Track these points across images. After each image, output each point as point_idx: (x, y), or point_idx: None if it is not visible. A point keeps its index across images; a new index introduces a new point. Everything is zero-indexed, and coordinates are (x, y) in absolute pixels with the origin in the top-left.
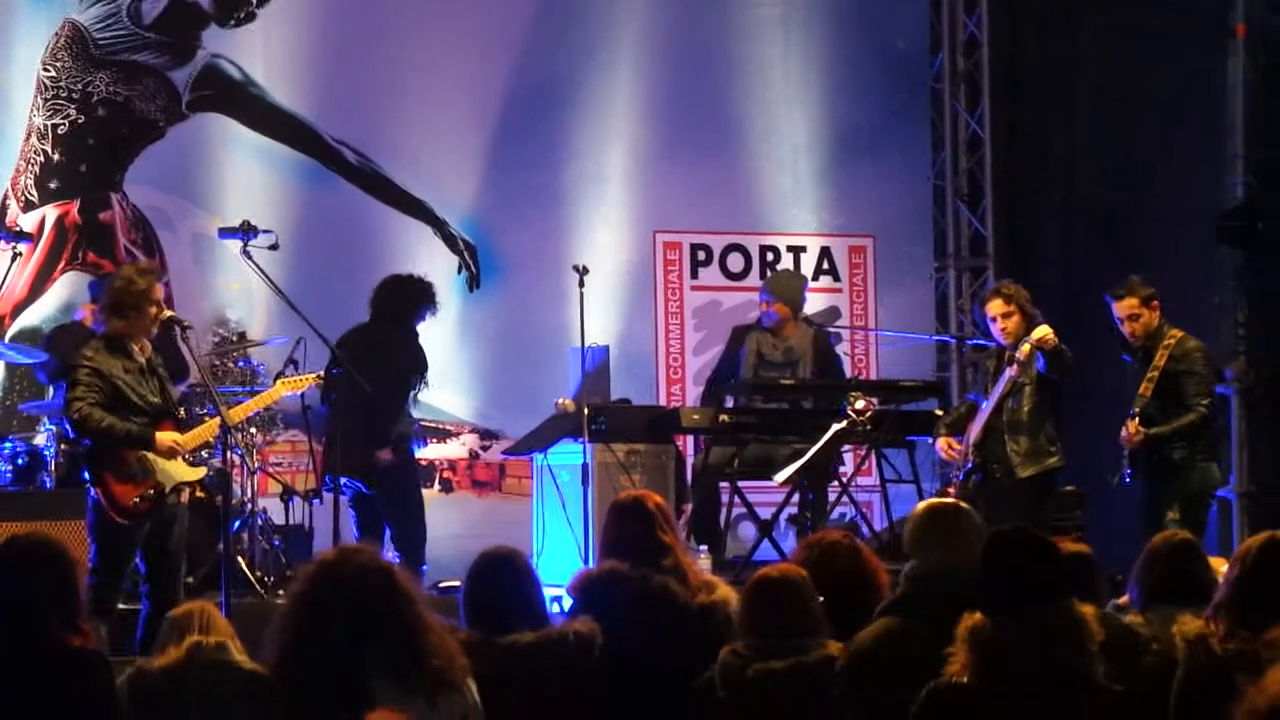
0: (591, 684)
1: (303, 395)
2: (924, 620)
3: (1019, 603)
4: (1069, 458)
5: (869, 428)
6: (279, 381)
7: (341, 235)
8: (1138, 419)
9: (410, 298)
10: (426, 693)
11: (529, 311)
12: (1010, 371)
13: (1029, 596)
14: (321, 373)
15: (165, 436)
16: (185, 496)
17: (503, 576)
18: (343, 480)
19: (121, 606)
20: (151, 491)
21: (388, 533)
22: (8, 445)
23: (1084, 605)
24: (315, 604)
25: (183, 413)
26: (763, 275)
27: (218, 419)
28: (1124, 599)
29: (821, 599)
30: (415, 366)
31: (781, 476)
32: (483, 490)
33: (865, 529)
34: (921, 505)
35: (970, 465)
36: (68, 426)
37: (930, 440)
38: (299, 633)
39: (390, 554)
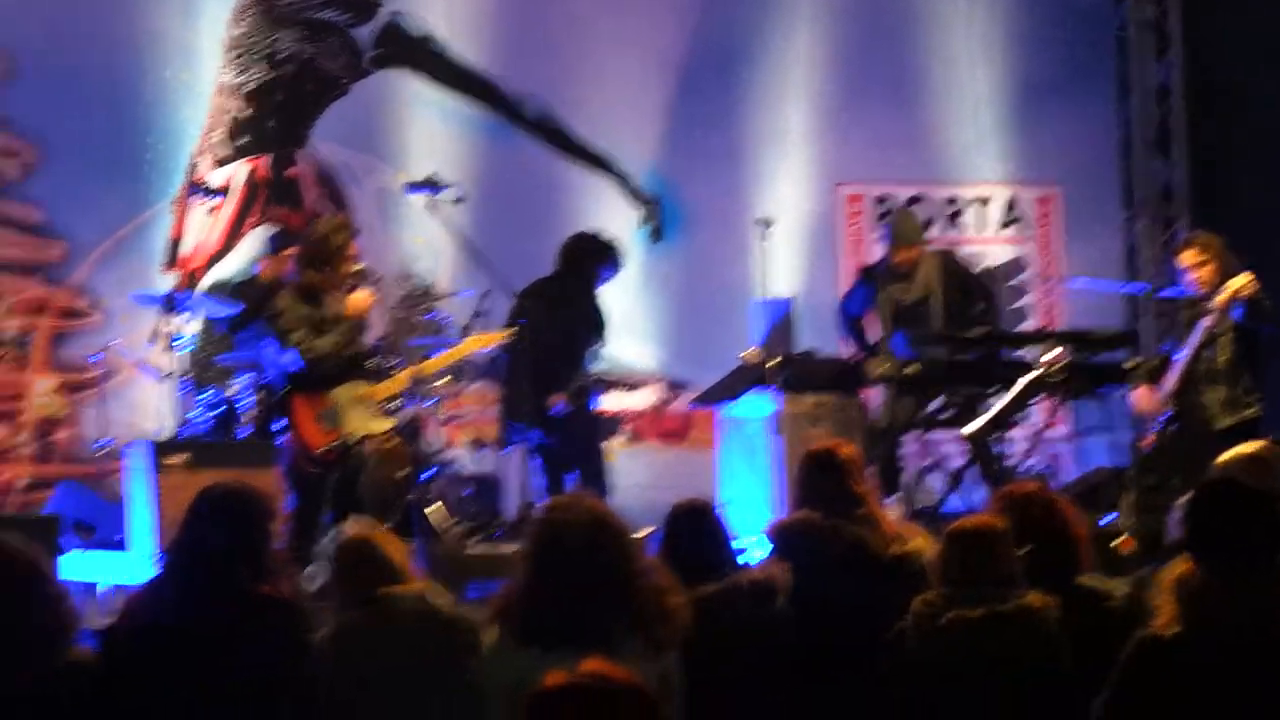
0: (776, 632)
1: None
2: None
3: (1230, 555)
4: (1271, 408)
5: (1060, 379)
6: (469, 337)
7: (524, 189)
8: None
9: (594, 258)
10: (648, 645)
11: (712, 264)
12: (1206, 321)
13: (1240, 549)
14: (510, 330)
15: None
16: (374, 446)
17: (696, 528)
18: (522, 429)
19: None
20: (340, 441)
21: (570, 482)
22: (206, 395)
23: None
24: (555, 543)
25: (373, 365)
26: (947, 227)
27: (407, 372)
28: None
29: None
30: (592, 325)
31: (971, 429)
32: (668, 441)
33: (1056, 481)
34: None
35: (1167, 415)
36: (293, 363)
37: (1122, 391)
38: (537, 570)
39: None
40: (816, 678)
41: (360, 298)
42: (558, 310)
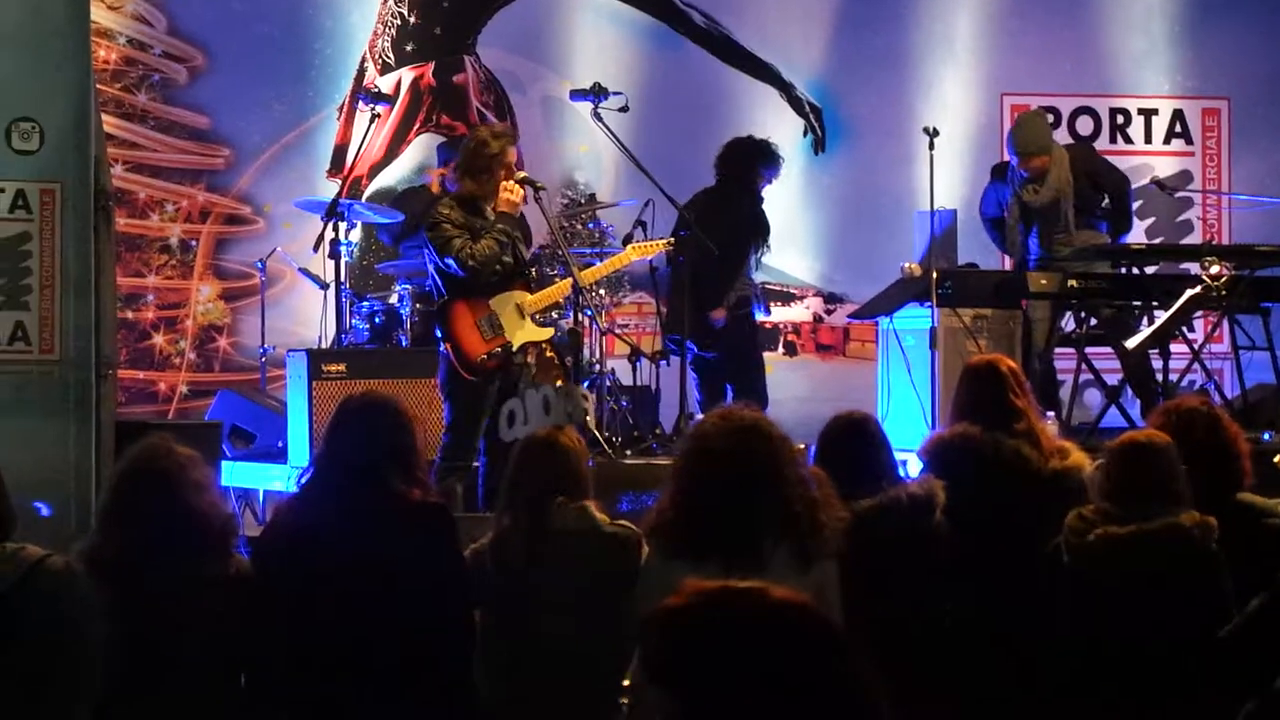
0: (932, 546)
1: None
2: None
3: None
4: None
5: (1223, 293)
6: (630, 246)
7: (688, 98)
8: None
9: (754, 159)
10: (802, 557)
11: (874, 175)
12: None
13: None
14: (671, 238)
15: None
16: (532, 356)
17: (856, 441)
18: (681, 341)
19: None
20: (500, 349)
21: (729, 394)
22: (365, 304)
23: None
24: (710, 455)
25: (533, 273)
26: (1113, 139)
27: (568, 280)
28: None
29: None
30: (757, 230)
31: (1133, 343)
32: (827, 354)
33: (1217, 397)
34: None
35: None
36: (456, 270)
37: None
38: (691, 481)
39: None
40: (973, 592)
41: (508, 192)
42: (720, 218)
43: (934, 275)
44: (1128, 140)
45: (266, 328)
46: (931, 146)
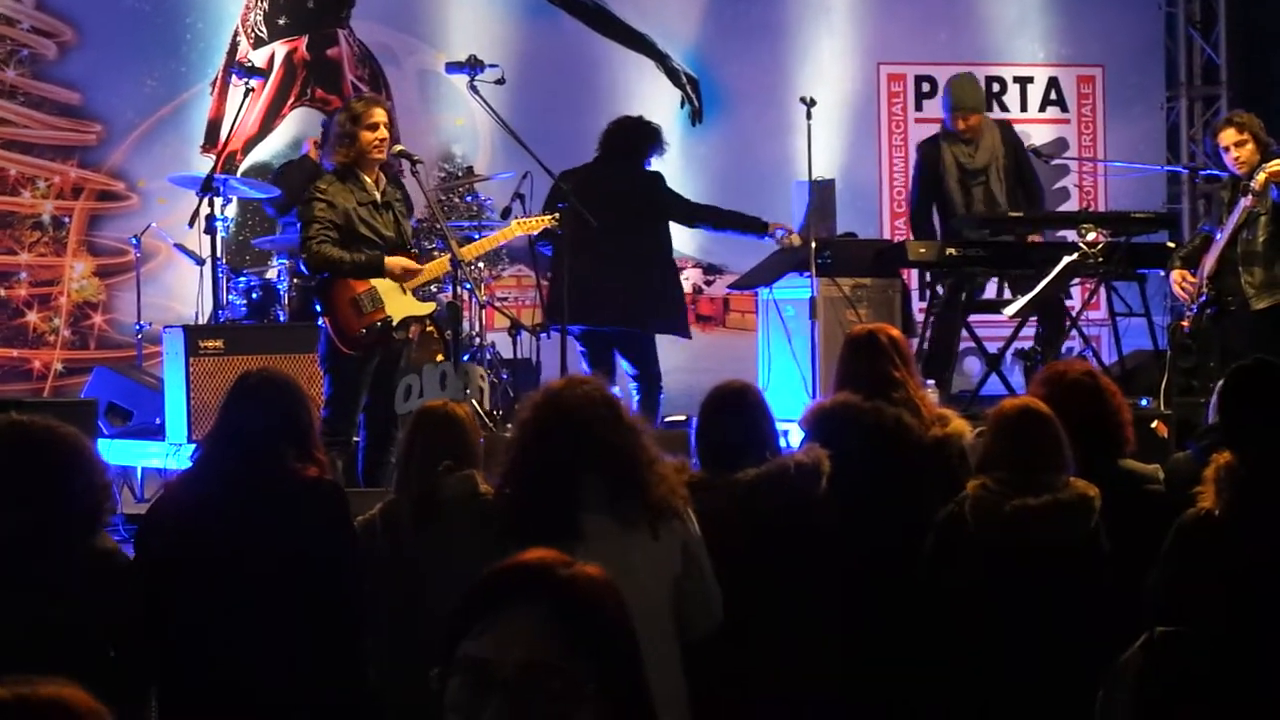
0: (818, 514)
1: None
2: None
3: (1267, 437)
4: None
5: (1100, 260)
6: (514, 221)
7: (565, 70)
8: None
9: (643, 139)
10: (649, 522)
11: (752, 145)
12: (1245, 202)
13: (1274, 429)
14: (557, 214)
15: (395, 261)
16: (414, 332)
17: (737, 411)
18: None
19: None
20: (379, 324)
21: (624, 365)
22: (242, 279)
23: None
24: (538, 431)
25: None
26: (989, 107)
27: (447, 255)
28: None
29: None
30: (669, 210)
31: (1011, 310)
32: (707, 325)
33: (1095, 363)
34: None
35: (1205, 298)
36: (300, 262)
37: (1162, 273)
38: (521, 459)
39: (629, 384)
40: (858, 560)
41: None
42: (598, 191)
43: (813, 245)
44: (1004, 108)
45: (143, 304)
46: (809, 116)
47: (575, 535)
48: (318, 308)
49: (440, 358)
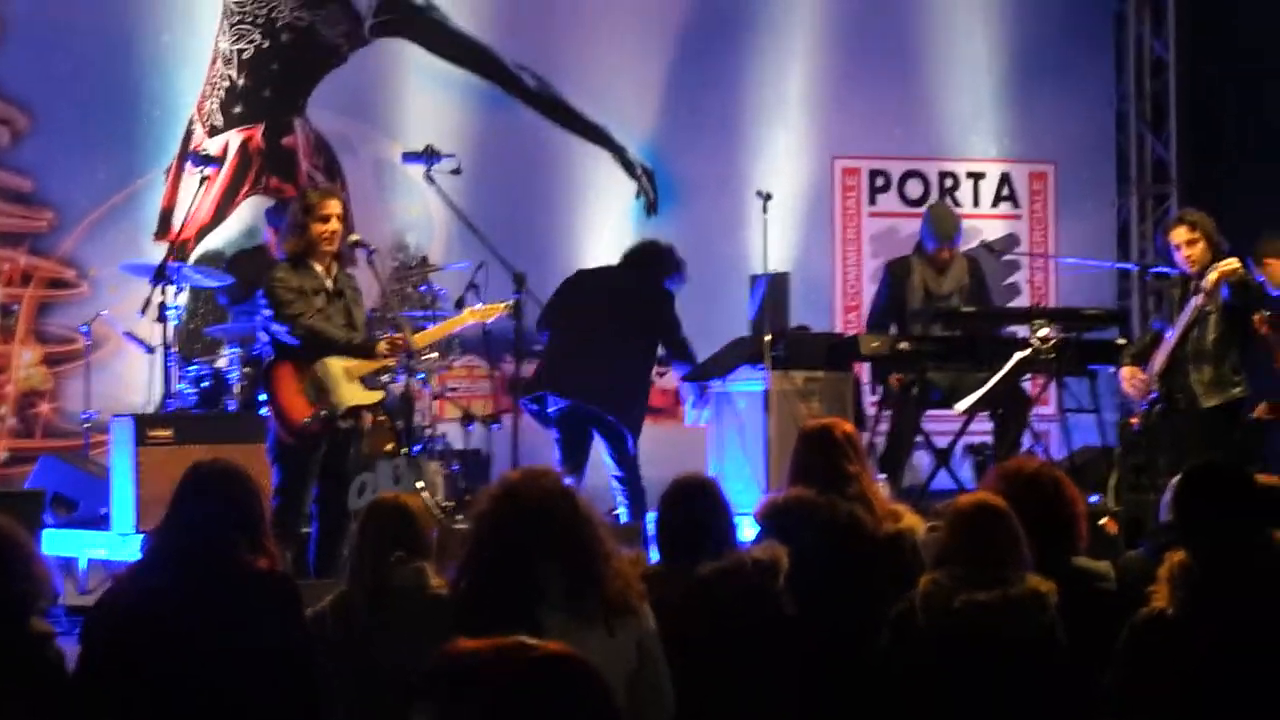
0: (775, 610)
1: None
2: None
3: (1221, 536)
4: (1257, 389)
5: (1052, 356)
6: (467, 310)
7: (521, 160)
8: None
9: (664, 257)
10: (604, 617)
11: (706, 237)
12: (1196, 300)
13: (1230, 530)
14: (511, 302)
15: (383, 345)
16: (366, 421)
17: (696, 504)
18: (551, 398)
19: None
20: (324, 413)
21: (610, 455)
22: (193, 368)
23: None
24: (495, 522)
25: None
26: (940, 199)
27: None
28: None
29: None
30: (661, 326)
31: (963, 405)
32: (658, 417)
33: (1045, 458)
34: None
35: (1154, 395)
36: (284, 334)
37: (1112, 369)
38: (477, 551)
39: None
40: (814, 656)
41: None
42: (610, 290)
43: (767, 338)
44: (956, 203)
45: (91, 393)
46: (765, 210)
47: (531, 630)
48: (263, 396)
49: (390, 446)
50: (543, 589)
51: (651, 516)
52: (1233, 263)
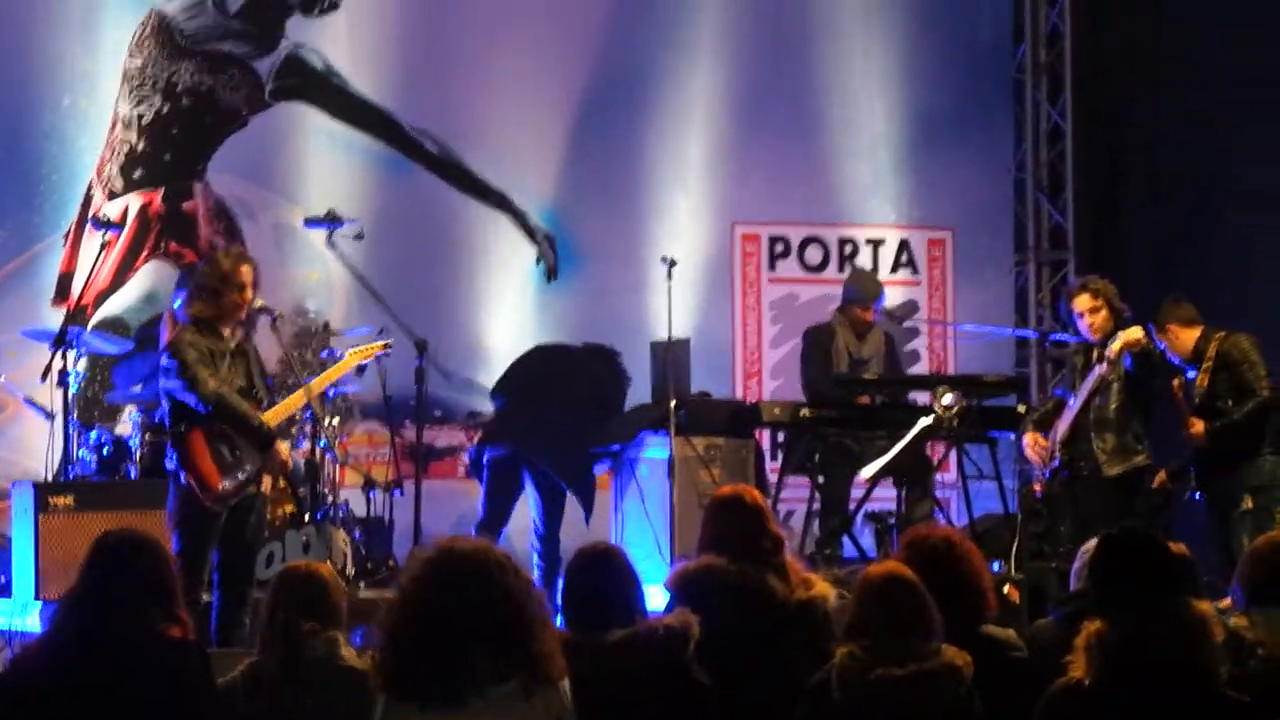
0: (687, 679)
1: (384, 385)
2: None
3: (1138, 605)
4: (1159, 456)
5: (954, 423)
6: (349, 351)
7: (421, 225)
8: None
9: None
10: (525, 688)
11: (608, 302)
12: (1099, 369)
13: (1147, 598)
14: (390, 341)
15: (281, 447)
16: (266, 485)
17: (602, 573)
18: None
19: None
20: (241, 476)
21: (539, 513)
22: (93, 435)
23: (1201, 603)
24: (425, 589)
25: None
26: (841, 268)
27: (298, 394)
28: (1225, 602)
29: None
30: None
31: (867, 473)
32: None
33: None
34: None
35: (1057, 463)
36: (193, 400)
37: (1014, 436)
38: (406, 618)
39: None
40: None
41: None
42: (584, 383)
43: (671, 404)
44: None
45: None
46: (669, 276)
47: (457, 701)
48: (173, 463)
49: (290, 509)
50: (469, 658)
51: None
52: (1136, 332)
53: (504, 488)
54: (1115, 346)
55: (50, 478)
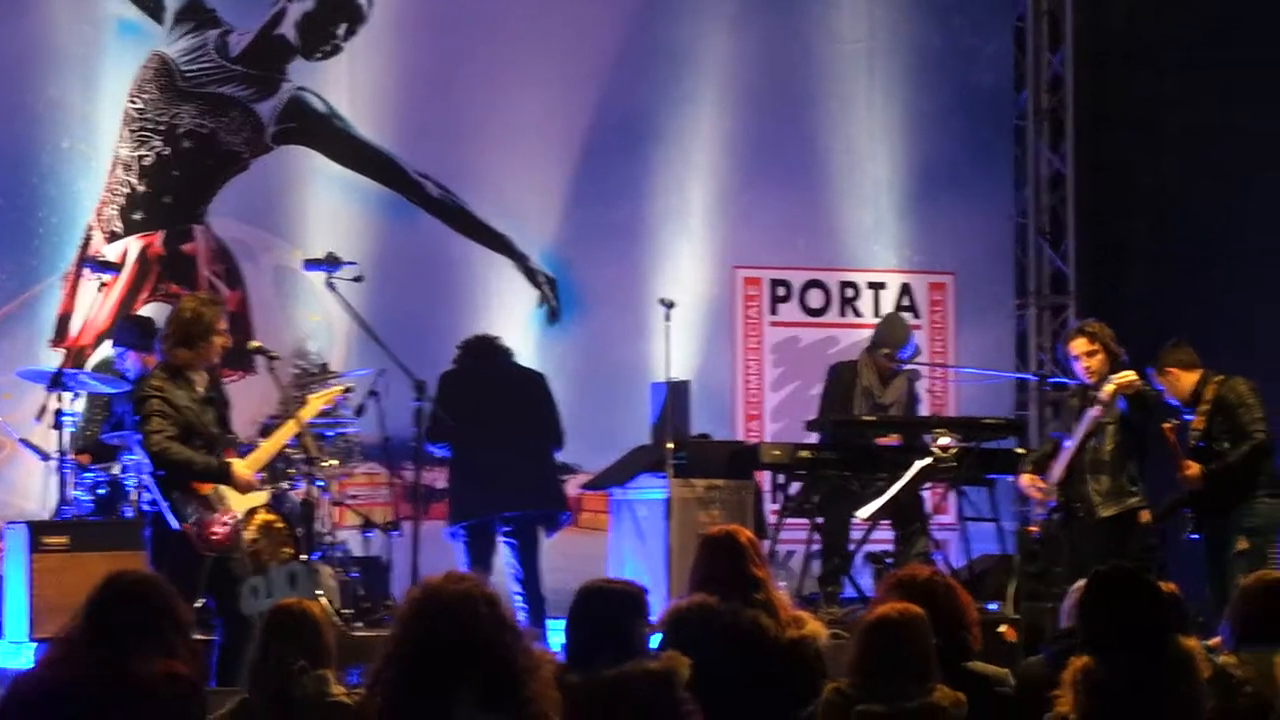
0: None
1: (383, 425)
2: None
3: (1126, 642)
4: (1154, 498)
5: (952, 465)
6: (310, 398)
7: (422, 268)
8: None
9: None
10: None
11: (608, 345)
12: (1093, 411)
13: (1135, 635)
14: (351, 383)
15: (241, 471)
16: (260, 529)
17: (608, 608)
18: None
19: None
20: (231, 521)
21: (516, 558)
22: (89, 475)
23: (1187, 640)
24: (416, 629)
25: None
26: (842, 313)
27: (283, 428)
28: (1215, 640)
29: None
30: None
31: (864, 513)
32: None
33: (944, 567)
34: None
35: (1053, 504)
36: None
37: (1012, 478)
38: (396, 658)
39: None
40: None
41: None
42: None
43: (670, 446)
44: (857, 314)
45: None
46: (668, 319)
47: None
48: (173, 508)
49: (289, 550)
50: (460, 700)
51: (558, 623)
52: (1129, 375)
53: (482, 553)
54: (1108, 389)
55: (45, 518)
